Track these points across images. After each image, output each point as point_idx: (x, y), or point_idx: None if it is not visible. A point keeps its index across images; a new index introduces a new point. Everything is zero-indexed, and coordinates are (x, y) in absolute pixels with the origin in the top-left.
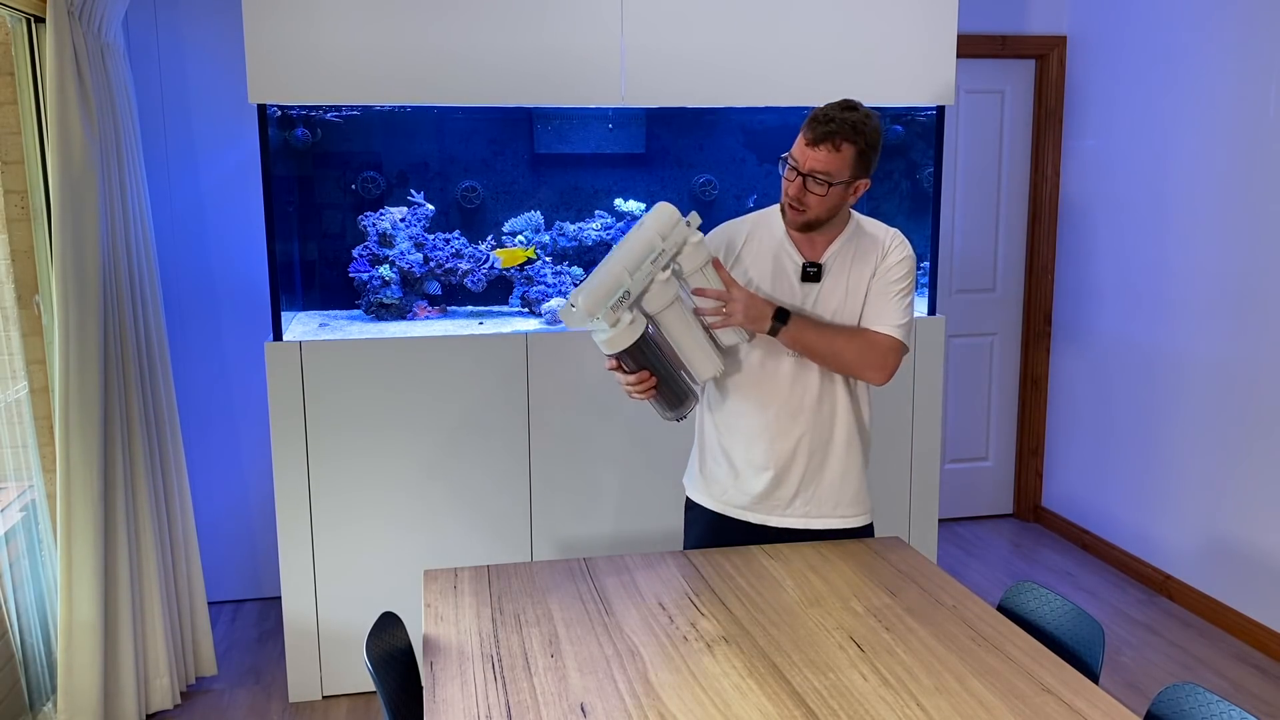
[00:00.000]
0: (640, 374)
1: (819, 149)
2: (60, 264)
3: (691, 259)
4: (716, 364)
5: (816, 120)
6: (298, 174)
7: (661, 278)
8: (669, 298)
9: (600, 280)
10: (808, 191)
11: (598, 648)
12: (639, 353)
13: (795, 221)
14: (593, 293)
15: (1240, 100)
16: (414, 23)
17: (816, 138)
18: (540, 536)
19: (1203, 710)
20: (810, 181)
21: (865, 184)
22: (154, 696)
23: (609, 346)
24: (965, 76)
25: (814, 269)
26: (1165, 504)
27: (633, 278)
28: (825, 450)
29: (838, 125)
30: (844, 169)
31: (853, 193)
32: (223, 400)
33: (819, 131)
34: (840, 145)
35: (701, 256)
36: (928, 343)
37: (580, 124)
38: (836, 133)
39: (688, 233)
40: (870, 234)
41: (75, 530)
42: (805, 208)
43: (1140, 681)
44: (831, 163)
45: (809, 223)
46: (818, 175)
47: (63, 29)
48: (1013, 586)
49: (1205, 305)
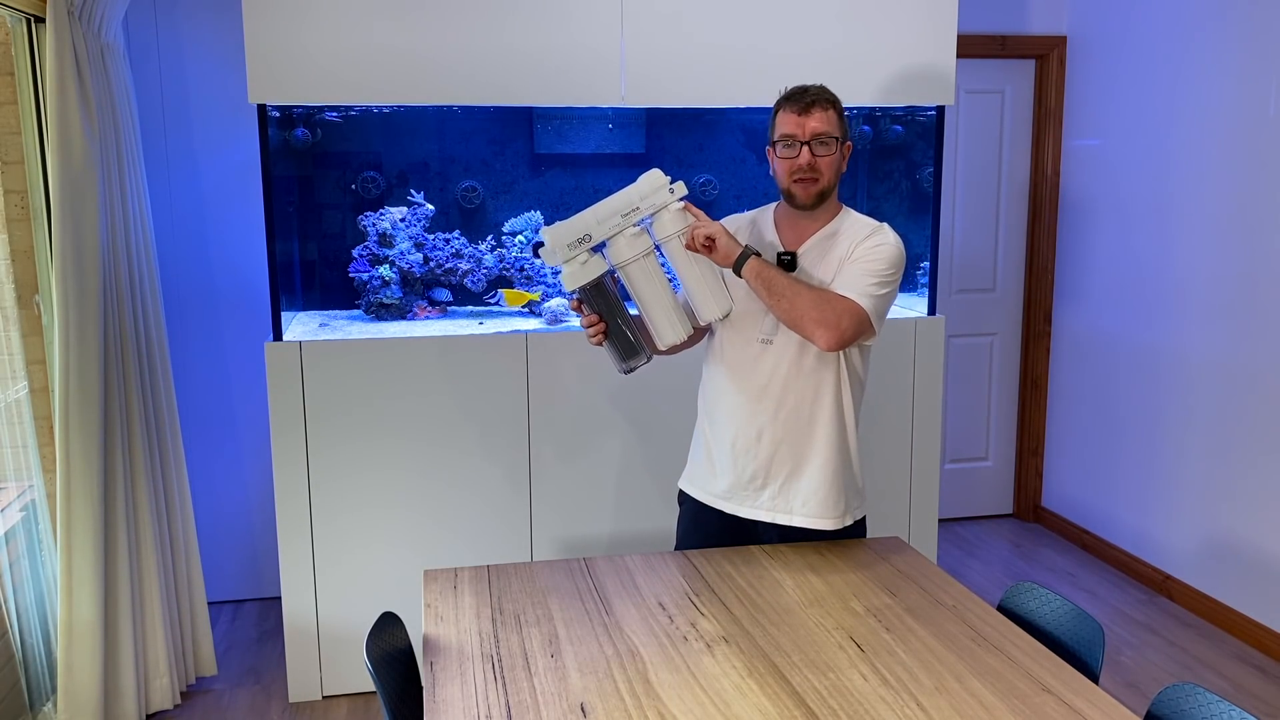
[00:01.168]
0: (591, 318)
1: (813, 113)
2: (60, 264)
3: (666, 224)
4: (678, 330)
5: (796, 94)
6: (298, 174)
7: (630, 232)
8: (634, 252)
9: (567, 221)
10: (816, 157)
11: (598, 648)
12: (591, 297)
13: (810, 193)
14: (555, 229)
15: (1240, 100)
16: (414, 23)
17: (806, 105)
18: (540, 536)
19: (1203, 710)
20: (816, 145)
21: (850, 146)
22: (154, 696)
23: (563, 282)
24: (965, 76)
25: (788, 257)
26: (1165, 504)
27: (600, 225)
28: (799, 445)
29: (815, 92)
30: (836, 127)
31: (844, 155)
32: (223, 400)
33: (805, 100)
34: (826, 107)
35: (677, 224)
36: (928, 343)
37: (580, 124)
38: (819, 97)
39: (669, 199)
40: (858, 223)
41: (75, 530)
42: (819, 173)
43: (1140, 681)
44: (827, 121)
45: (821, 192)
46: (821, 136)
47: (63, 29)
48: (1013, 586)
49: (1205, 305)
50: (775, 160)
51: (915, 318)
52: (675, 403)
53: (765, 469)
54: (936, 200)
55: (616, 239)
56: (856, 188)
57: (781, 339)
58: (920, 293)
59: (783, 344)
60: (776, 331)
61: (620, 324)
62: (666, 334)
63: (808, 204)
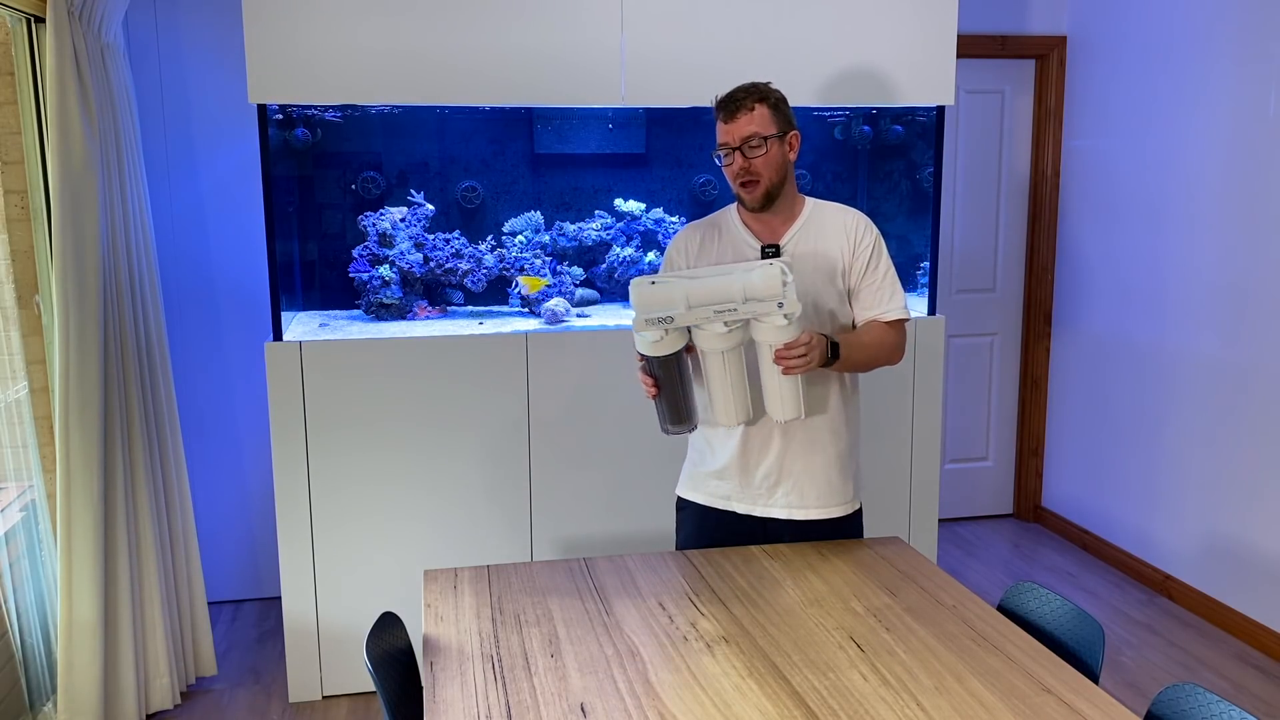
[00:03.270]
0: (649, 380)
1: (737, 118)
2: (60, 264)
3: (766, 333)
4: (736, 417)
5: (723, 102)
6: (298, 174)
7: (718, 330)
8: (719, 346)
9: (656, 287)
10: (750, 159)
11: (598, 648)
12: (656, 365)
13: (754, 196)
14: (642, 290)
15: (1240, 100)
16: (414, 23)
17: (730, 112)
18: (540, 536)
19: (1203, 710)
20: (746, 149)
21: (797, 135)
22: (154, 696)
23: (636, 344)
24: (965, 76)
25: (772, 249)
26: (1165, 504)
27: (689, 313)
28: (809, 439)
29: (741, 94)
30: (768, 124)
31: (790, 147)
32: (223, 400)
33: (730, 107)
34: (753, 106)
35: (778, 338)
36: (928, 343)
37: (580, 124)
38: (743, 100)
39: (775, 313)
40: (830, 213)
41: (75, 530)
42: (756, 175)
43: (1140, 681)
44: (754, 122)
45: (766, 193)
46: (751, 139)
47: (63, 29)
48: (1013, 586)
49: (1205, 305)
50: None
51: (915, 318)
52: None
53: (778, 466)
54: (936, 200)
55: (704, 327)
56: (856, 188)
57: None
58: (920, 293)
59: None
60: None
61: (678, 395)
62: (724, 418)
63: (756, 205)
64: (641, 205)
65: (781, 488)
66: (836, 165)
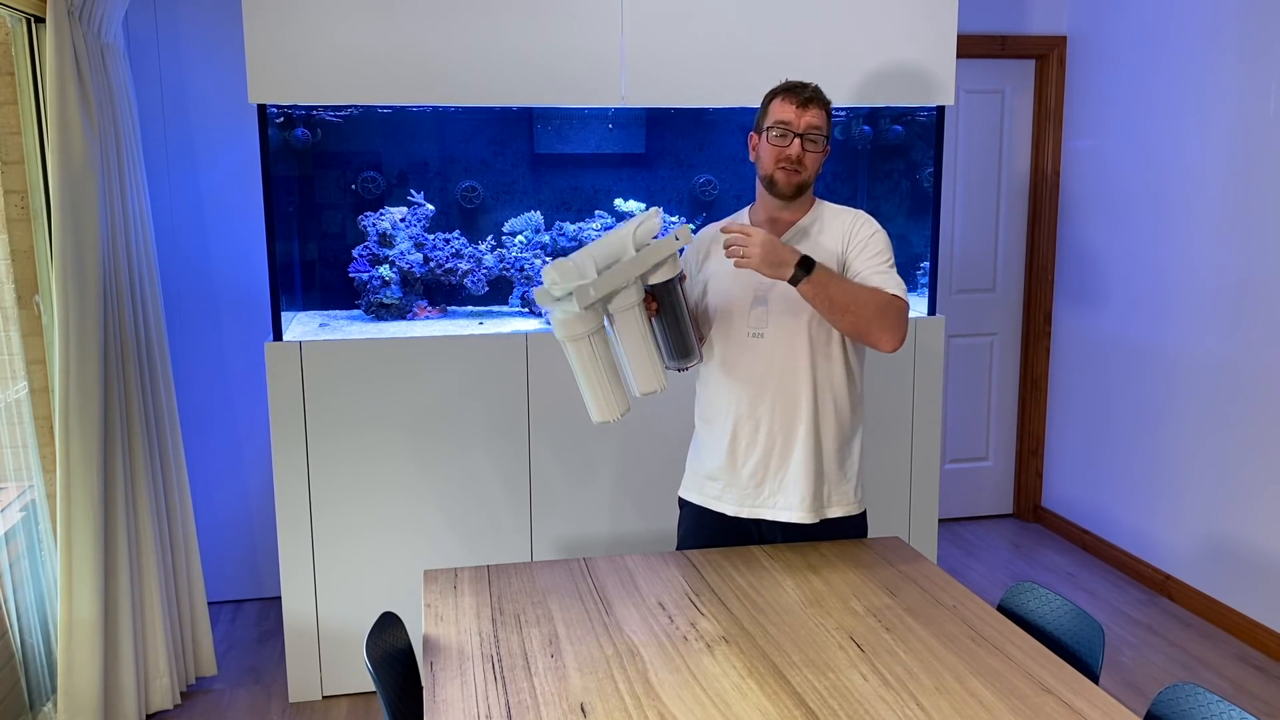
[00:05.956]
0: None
1: (810, 109)
2: (60, 264)
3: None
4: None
5: (796, 87)
6: (298, 174)
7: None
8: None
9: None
10: (806, 151)
11: (598, 648)
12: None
13: (792, 183)
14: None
15: (1240, 100)
16: (414, 23)
17: (805, 100)
18: (540, 536)
19: (1203, 710)
20: (807, 140)
21: (828, 150)
22: (154, 696)
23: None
24: (965, 76)
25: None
26: (1165, 504)
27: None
28: (796, 437)
29: (814, 90)
30: (827, 127)
31: (825, 155)
32: (223, 400)
33: (805, 95)
34: (824, 103)
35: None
36: (928, 343)
37: (580, 124)
38: (816, 95)
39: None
40: (834, 214)
41: (75, 530)
42: (803, 167)
43: (1140, 681)
44: (821, 119)
45: (802, 184)
46: (813, 133)
47: (63, 29)
48: (1013, 586)
49: (1206, 305)
50: (762, 147)
51: (915, 318)
52: (675, 403)
53: (764, 464)
54: (936, 200)
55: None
56: (856, 188)
57: (771, 333)
58: (920, 293)
59: (773, 337)
60: (766, 325)
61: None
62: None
63: (787, 192)
64: (641, 205)
65: (767, 487)
66: (836, 165)
